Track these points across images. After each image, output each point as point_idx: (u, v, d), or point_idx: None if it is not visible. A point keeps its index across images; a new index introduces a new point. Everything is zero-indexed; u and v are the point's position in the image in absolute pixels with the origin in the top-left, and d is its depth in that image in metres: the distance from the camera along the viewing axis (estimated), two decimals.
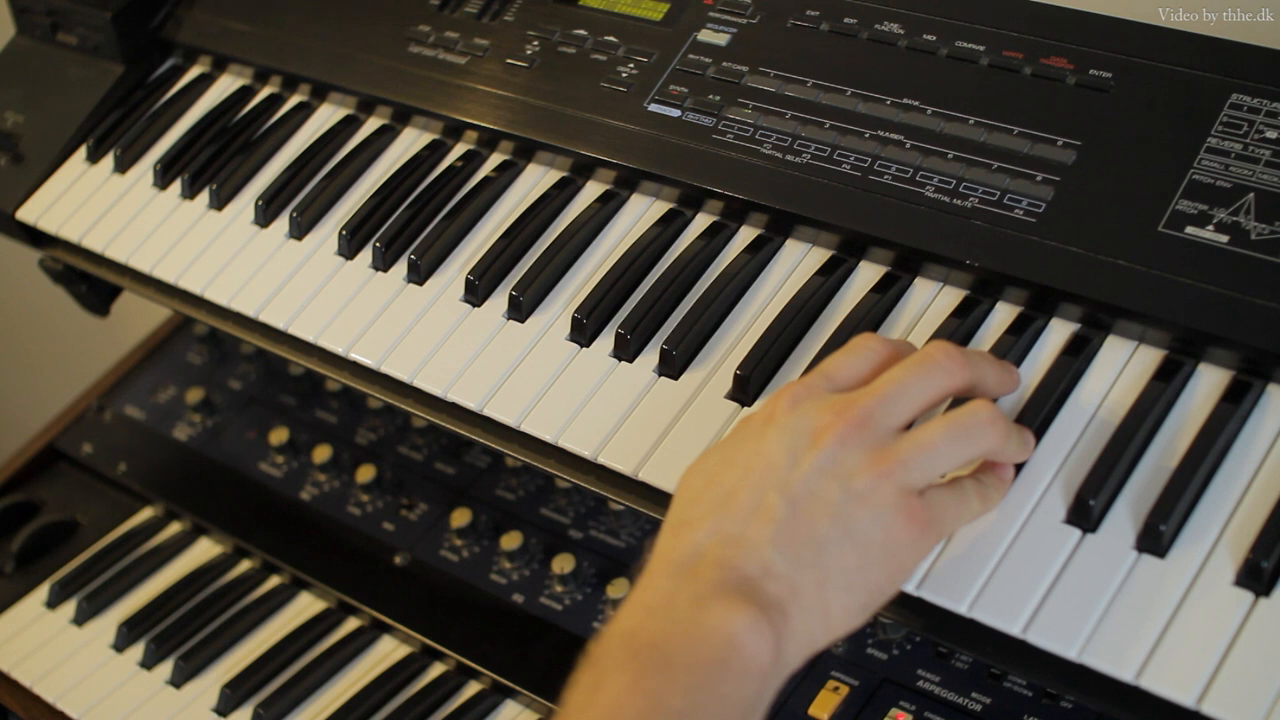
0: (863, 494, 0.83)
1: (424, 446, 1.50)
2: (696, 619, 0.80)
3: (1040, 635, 0.86)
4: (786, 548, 0.82)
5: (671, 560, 0.84)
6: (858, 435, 0.84)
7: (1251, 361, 0.93)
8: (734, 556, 0.82)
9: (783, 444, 0.85)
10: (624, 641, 0.82)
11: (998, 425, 0.86)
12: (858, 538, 0.82)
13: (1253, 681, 0.81)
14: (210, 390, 1.63)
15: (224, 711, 1.33)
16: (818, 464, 0.83)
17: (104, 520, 1.57)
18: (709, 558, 0.82)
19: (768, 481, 0.84)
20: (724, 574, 0.81)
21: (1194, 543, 0.87)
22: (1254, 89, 0.99)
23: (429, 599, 1.36)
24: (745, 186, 1.11)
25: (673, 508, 0.88)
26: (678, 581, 0.82)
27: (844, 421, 0.84)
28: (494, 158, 1.26)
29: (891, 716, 1.12)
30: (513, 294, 1.13)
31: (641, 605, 0.83)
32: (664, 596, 0.82)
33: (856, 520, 0.83)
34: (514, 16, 1.29)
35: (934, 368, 0.87)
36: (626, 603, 0.84)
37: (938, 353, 0.88)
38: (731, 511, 0.84)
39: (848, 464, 0.83)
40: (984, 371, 0.90)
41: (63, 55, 1.50)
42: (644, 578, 0.85)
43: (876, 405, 0.85)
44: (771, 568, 0.81)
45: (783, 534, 0.82)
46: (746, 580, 0.81)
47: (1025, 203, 1.01)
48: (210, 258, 1.29)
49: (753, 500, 0.84)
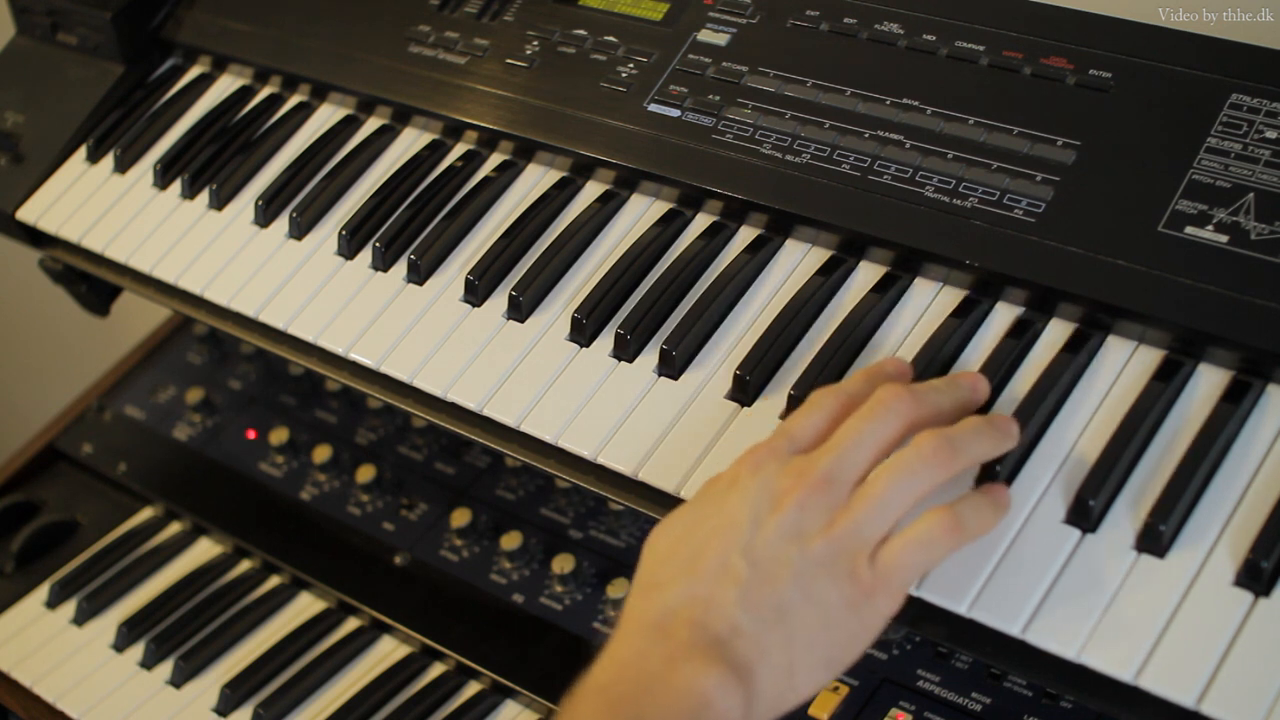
0: (819, 559, 0.85)
1: (424, 446, 1.50)
2: (669, 677, 0.82)
3: (1040, 635, 0.86)
4: (752, 609, 0.84)
5: (643, 621, 0.86)
6: (816, 497, 0.86)
7: (1251, 361, 0.93)
8: (703, 616, 0.84)
9: (746, 506, 0.87)
10: (598, 696, 0.85)
11: (941, 454, 0.86)
12: (817, 599, 0.84)
13: (1253, 681, 0.81)
14: (210, 390, 1.63)
15: (224, 711, 1.33)
16: (778, 528, 0.86)
17: (104, 520, 1.57)
18: (680, 617, 0.85)
19: (732, 544, 0.86)
20: (695, 633, 0.84)
21: (1194, 543, 0.87)
22: (1254, 89, 0.99)
23: (429, 599, 1.36)
24: (745, 186, 1.11)
25: (641, 569, 0.90)
26: (650, 640, 0.85)
27: (803, 485, 0.86)
28: (494, 158, 1.26)
29: (891, 716, 1.12)
30: (513, 294, 1.13)
31: (615, 661, 0.86)
32: (637, 654, 0.85)
33: (815, 584, 0.85)
34: (514, 16, 1.29)
35: (885, 412, 0.88)
36: (599, 660, 0.87)
37: (888, 397, 0.89)
38: (699, 573, 0.86)
39: (806, 527, 0.85)
40: (937, 401, 0.91)
41: (63, 55, 1.50)
42: (616, 637, 0.87)
43: (833, 463, 0.87)
44: (740, 627, 0.84)
45: (748, 595, 0.84)
46: (716, 640, 0.83)
47: (1025, 203, 1.01)
48: (210, 258, 1.29)
49: (718, 562, 0.86)
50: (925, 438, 0.87)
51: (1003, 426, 0.91)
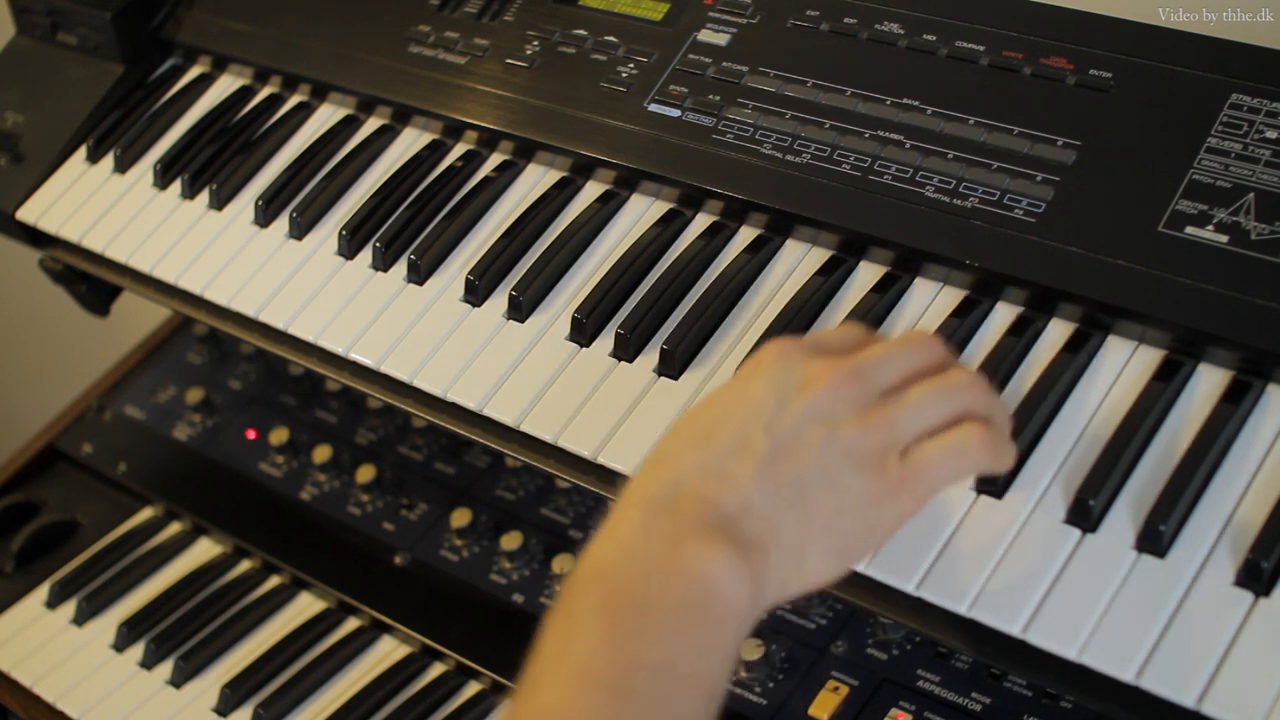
0: (847, 444, 0.82)
1: (424, 446, 1.50)
2: (673, 559, 0.78)
3: (1040, 635, 0.86)
4: (768, 485, 0.81)
5: (648, 494, 0.82)
6: (847, 388, 0.84)
7: (1251, 361, 0.93)
8: (714, 491, 0.81)
9: (771, 388, 0.84)
10: (597, 584, 0.80)
11: (979, 385, 0.87)
12: (839, 484, 0.82)
13: (1253, 681, 0.81)
14: (210, 390, 1.63)
15: (224, 711, 1.33)
16: (806, 408, 0.83)
17: (104, 520, 1.57)
18: (688, 491, 0.81)
19: (754, 420, 0.83)
20: (703, 509, 0.80)
21: (1194, 543, 0.87)
22: (1254, 89, 0.99)
23: (429, 599, 1.36)
24: (745, 186, 1.11)
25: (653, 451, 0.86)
26: (654, 516, 0.80)
27: (835, 372, 0.84)
28: (494, 158, 1.26)
29: (891, 716, 1.12)
30: (513, 294, 1.13)
31: (616, 542, 0.81)
32: (639, 532, 0.80)
33: (839, 468, 0.82)
34: (514, 16, 1.29)
35: (919, 345, 0.88)
36: (598, 539, 0.82)
37: (920, 336, 0.89)
38: (714, 446, 0.82)
39: (836, 413, 0.83)
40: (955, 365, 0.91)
41: (63, 55, 1.50)
42: (619, 511, 0.82)
43: (867, 363, 0.85)
44: (752, 504, 0.80)
45: (765, 471, 0.81)
46: (726, 517, 0.80)
47: (1025, 203, 1.01)
48: (210, 258, 1.29)
49: (737, 436, 0.82)
50: (960, 372, 0.86)
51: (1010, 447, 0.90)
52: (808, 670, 1.17)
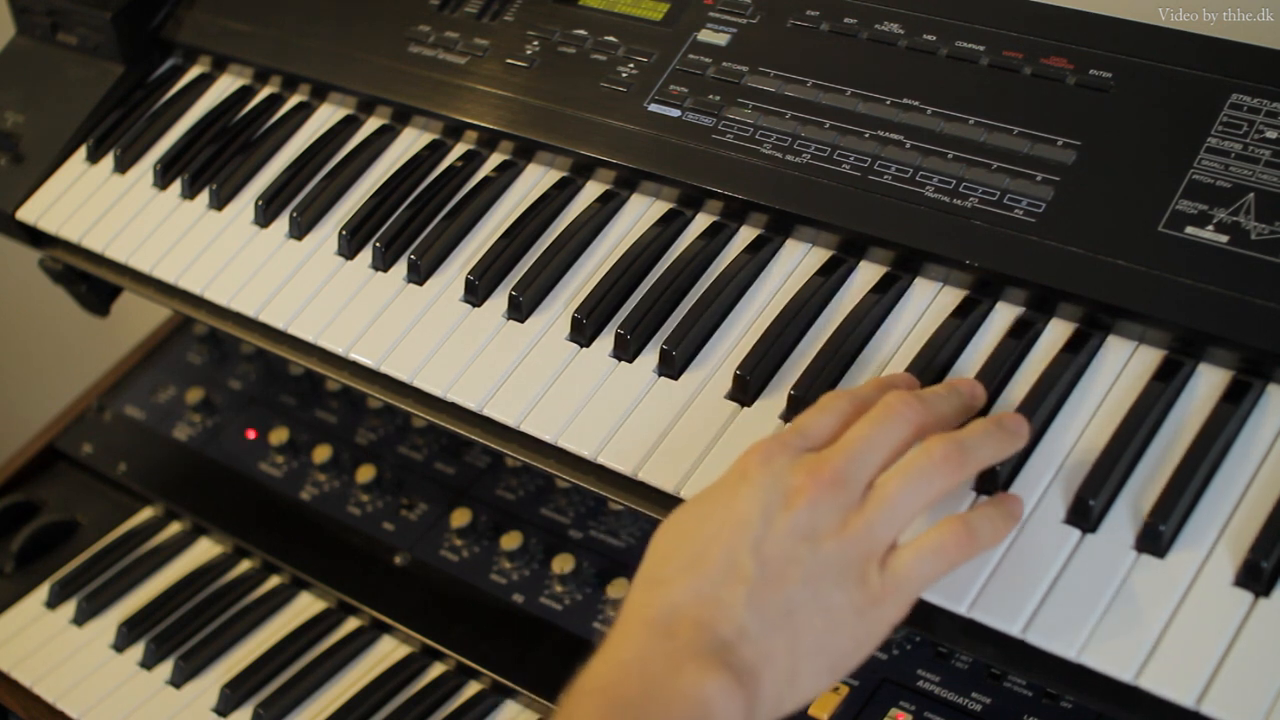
0: (830, 560, 0.84)
1: (424, 446, 1.50)
2: (671, 680, 0.81)
3: (1040, 635, 0.86)
4: (759, 610, 0.83)
5: (646, 617, 0.85)
6: (829, 497, 0.85)
7: (1251, 361, 0.93)
8: (709, 617, 0.83)
9: (756, 502, 0.86)
10: (597, 698, 0.83)
11: (951, 460, 0.86)
12: (826, 603, 0.84)
13: (1253, 681, 0.81)
14: (210, 390, 1.63)
15: (224, 711, 1.33)
16: (790, 526, 0.85)
17: (104, 520, 1.57)
18: (685, 617, 0.83)
19: (741, 540, 0.85)
20: (699, 634, 0.82)
21: (1194, 543, 0.87)
22: (1254, 89, 0.99)
23: (429, 599, 1.36)
24: (745, 186, 1.11)
25: (646, 563, 0.89)
26: (653, 640, 0.83)
27: (816, 483, 0.85)
28: (494, 158, 1.26)
29: (891, 716, 1.12)
30: (513, 294, 1.13)
31: (616, 662, 0.84)
32: (639, 654, 0.83)
33: (823, 586, 0.84)
34: (514, 16, 1.29)
35: (895, 416, 0.88)
36: (599, 657, 0.85)
37: (896, 401, 0.89)
38: (706, 570, 0.85)
39: (819, 527, 0.85)
40: (942, 408, 0.91)
41: (63, 55, 1.50)
42: (617, 633, 0.86)
43: (845, 463, 0.86)
44: (746, 630, 0.83)
45: (755, 596, 0.83)
46: (722, 643, 0.82)
47: (1025, 203, 1.01)
48: (210, 258, 1.28)
49: (726, 560, 0.85)
50: (935, 442, 0.87)
51: (1011, 426, 0.90)
52: None
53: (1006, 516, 0.89)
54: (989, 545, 0.87)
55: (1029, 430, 0.91)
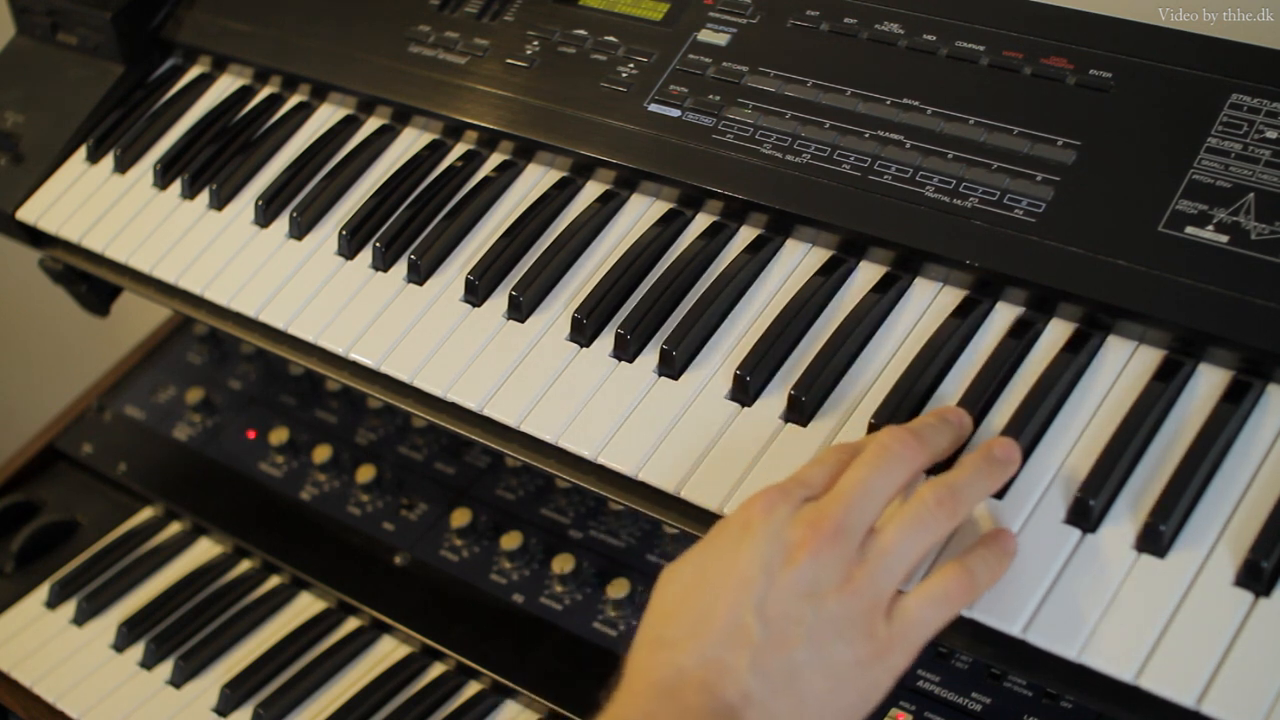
0: (832, 616, 0.84)
1: (424, 446, 1.50)
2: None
3: (1040, 635, 0.86)
4: (763, 673, 0.83)
5: (651, 680, 0.85)
6: (829, 550, 0.85)
7: (1251, 361, 0.93)
8: (715, 681, 0.83)
9: (759, 558, 0.86)
10: None
11: (945, 505, 0.87)
12: (829, 660, 0.84)
13: (1253, 681, 0.81)
14: (210, 390, 1.63)
15: (224, 711, 1.33)
16: (792, 583, 0.85)
17: (104, 520, 1.57)
18: (691, 681, 0.83)
19: (744, 600, 0.85)
20: (705, 700, 0.83)
21: (1194, 543, 0.87)
22: (1254, 89, 0.99)
23: (429, 599, 1.36)
24: (745, 186, 1.11)
25: (649, 620, 0.89)
26: (659, 704, 0.84)
27: (816, 536, 0.85)
28: (494, 158, 1.26)
29: (891, 716, 1.12)
30: (513, 294, 1.13)
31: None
32: (644, 716, 0.84)
33: (827, 643, 0.84)
34: (514, 16, 1.29)
35: (891, 459, 0.88)
36: (605, 716, 0.85)
37: (891, 442, 0.89)
38: (711, 633, 0.85)
39: (820, 582, 0.85)
40: (936, 442, 0.91)
41: (63, 55, 1.50)
42: (624, 695, 0.86)
43: (844, 514, 0.86)
44: (751, 694, 0.83)
45: (760, 658, 0.83)
46: (729, 708, 0.82)
47: (1025, 203, 1.01)
48: (210, 258, 1.28)
49: (731, 621, 0.85)
50: (929, 490, 0.87)
51: (1000, 455, 0.90)
52: None
53: (1001, 555, 0.88)
54: (988, 586, 0.88)
55: (1019, 453, 0.91)
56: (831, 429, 0.99)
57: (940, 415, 0.93)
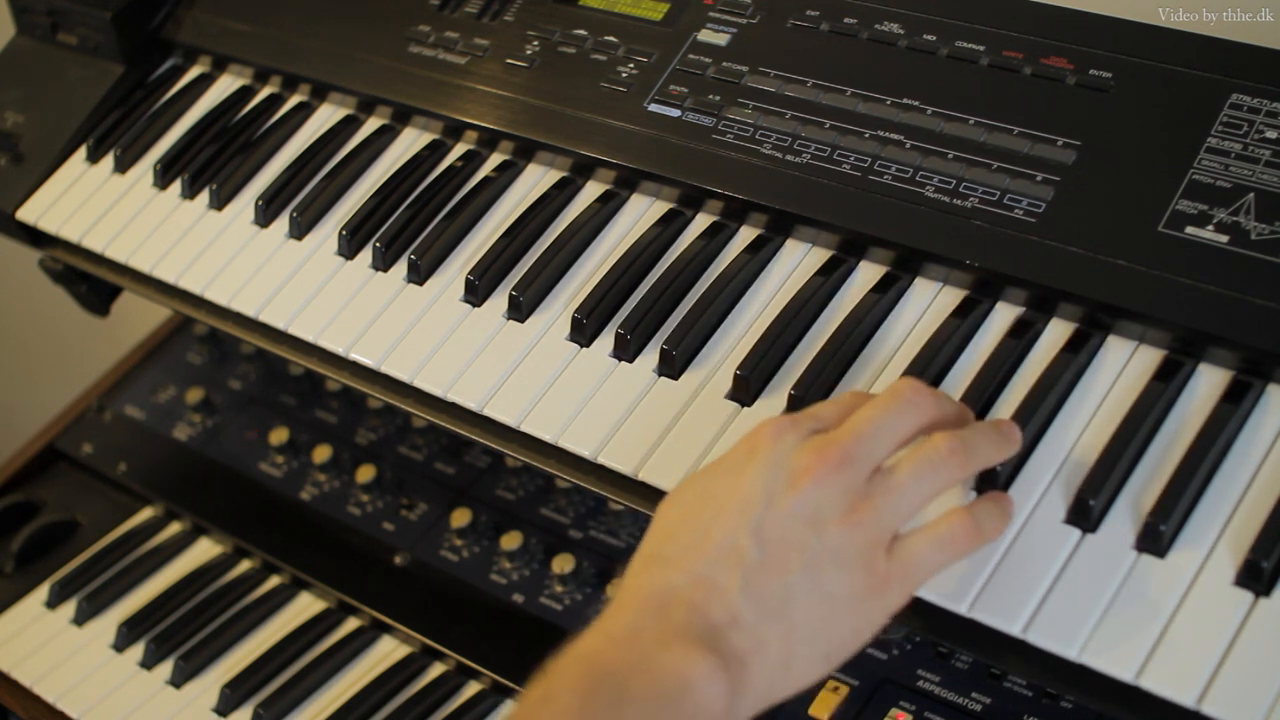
0: (833, 545, 0.83)
1: (424, 446, 1.50)
2: (657, 656, 0.81)
3: (1040, 635, 0.86)
4: (755, 596, 0.83)
5: (642, 594, 0.85)
6: (835, 478, 0.84)
7: (1251, 361, 0.93)
8: (703, 600, 0.83)
9: (761, 481, 0.85)
10: (581, 663, 0.83)
11: (957, 454, 0.87)
12: (825, 589, 0.83)
13: (1253, 681, 0.81)
14: (210, 390, 1.63)
15: (224, 711, 1.33)
16: (793, 508, 0.84)
17: (104, 520, 1.57)
18: (680, 597, 0.83)
19: (742, 522, 0.84)
20: (692, 617, 0.82)
21: (1194, 543, 0.87)
22: (1254, 89, 0.99)
23: (429, 599, 1.36)
24: (745, 186, 1.11)
25: (648, 538, 0.88)
26: (645, 617, 0.83)
27: (823, 463, 0.85)
28: (494, 158, 1.26)
29: (891, 716, 1.12)
30: (513, 294, 1.13)
31: (605, 633, 0.84)
32: (629, 628, 0.83)
33: (825, 572, 0.83)
34: (514, 16, 1.29)
35: (905, 404, 0.88)
36: (591, 628, 0.85)
37: (908, 390, 0.89)
38: (705, 552, 0.84)
39: (823, 510, 0.84)
40: (947, 409, 0.91)
41: (63, 55, 1.50)
42: (612, 607, 0.86)
43: (854, 444, 0.86)
44: (739, 617, 0.82)
45: (752, 580, 0.83)
46: (713, 628, 0.82)
47: (1025, 203, 1.01)
48: (210, 258, 1.29)
49: (727, 541, 0.84)
50: (941, 437, 0.87)
51: (1008, 432, 0.91)
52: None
53: (1003, 513, 0.89)
54: (991, 538, 0.88)
55: (1021, 438, 0.91)
56: None
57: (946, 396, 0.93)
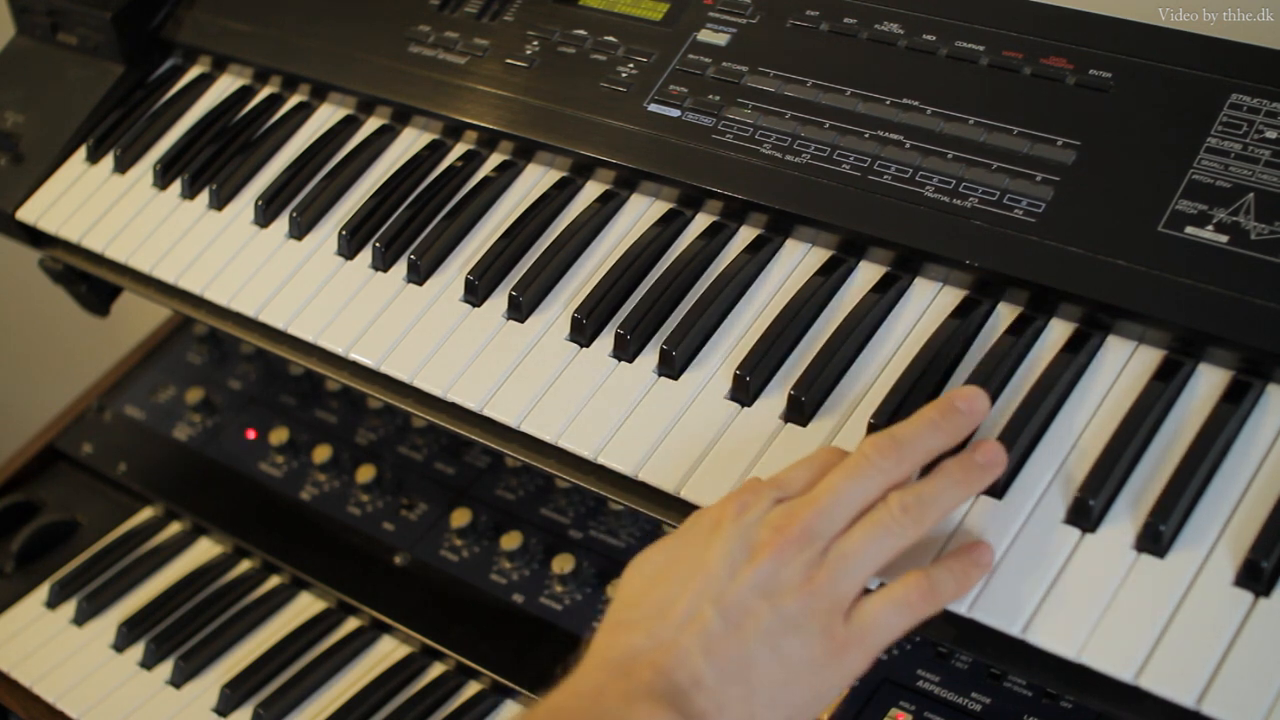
0: (791, 616, 0.85)
1: (424, 446, 1.50)
2: (623, 712, 0.83)
3: (1040, 635, 0.86)
4: (716, 660, 0.84)
5: (608, 657, 0.87)
6: (792, 553, 0.86)
7: (1251, 361, 0.93)
8: (667, 662, 0.84)
9: (724, 555, 0.87)
10: (549, 716, 0.85)
11: (910, 512, 0.87)
12: (785, 658, 0.85)
13: (1253, 681, 0.81)
14: (210, 390, 1.63)
15: (224, 711, 1.33)
16: (752, 581, 0.86)
17: (104, 520, 1.57)
18: (643, 660, 0.85)
19: (705, 592, 0.86)
20: (656, 678, 0.84)
21: (1194, 543, 0.87)
22: (1254, 89, 0.99)
23: (429, 599, 1.36)
24: (745, 186, 1.11)
25: (614, 605, 0.90)
26: (611, 677, 0.85)
27: (781, 538, 0.86)
28: (494, 158, 1.26)
29: (891, 716, 1.12)
30: (513, 294, 1.13)
31: (573, 691, 0.86)
32: (596, 687, 0.85)
33: (784, 641, 0.85)
34: (514, 16, 1.29)
35: (870, 469, 0.88)
36: (558, 688, 0.87)
37: (872, 452, 0.89)
38: (669, 618, 0.86)
39: (780, 583, 0.85)
40: (926, 446, 0.90)
41: (63, 55, 1.50)
42: (579, 668, 0.88)
43: (814, 518, 0.87)
44: (702, 679, 0.84)
45: (714, 647, 0.84)
46: (676, 688, 0.84)
47: (1025, 203, 1.01)
48: (210, 258, 1.29)
49: (689, 609, 0.86)
50: (895, 497, 0.87)
51: (985, 459, 0.90)
52: None
53: (971, 566, 0.88)
54: (953, 598, 0.88)
55: (1005, 456, 0.90)
56: (831, 429, 0.99)
57: (944, 408, 0.91)
